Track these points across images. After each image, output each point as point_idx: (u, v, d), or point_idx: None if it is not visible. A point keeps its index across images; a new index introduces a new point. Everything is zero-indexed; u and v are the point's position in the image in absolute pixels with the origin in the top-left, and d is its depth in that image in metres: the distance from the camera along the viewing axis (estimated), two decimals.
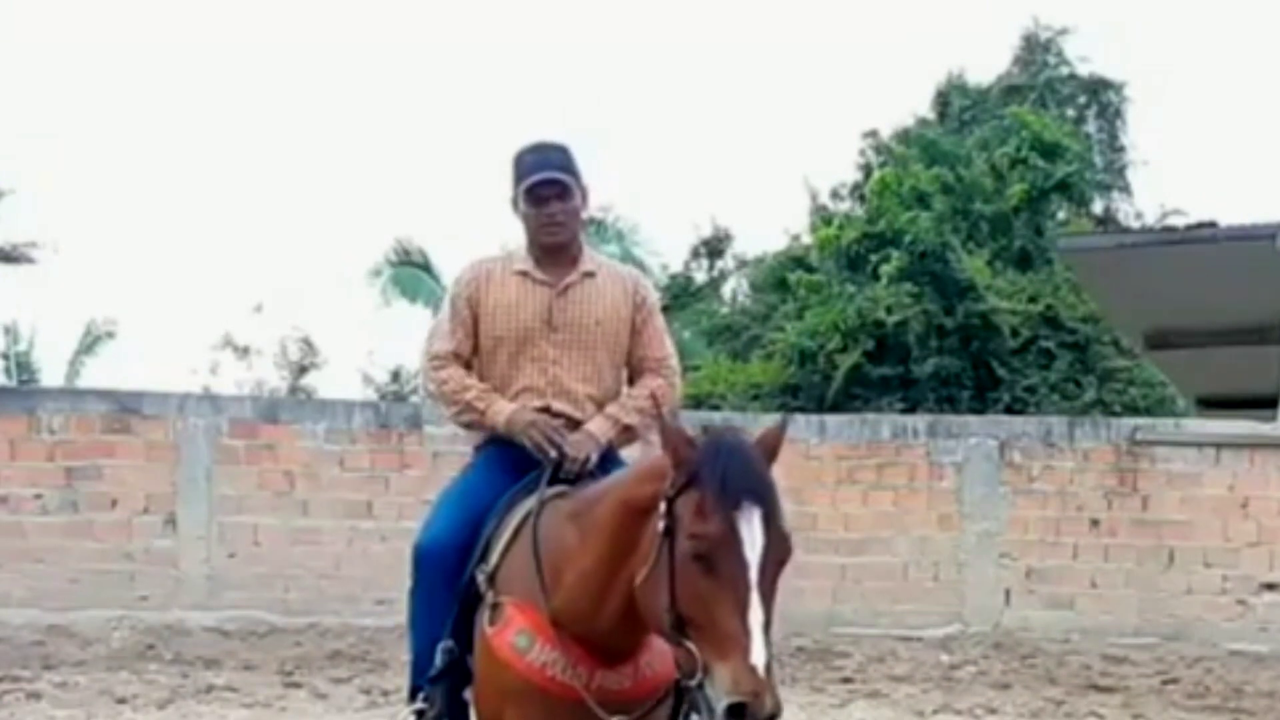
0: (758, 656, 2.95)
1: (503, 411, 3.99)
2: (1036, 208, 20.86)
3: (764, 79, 41.74)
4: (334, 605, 10.25)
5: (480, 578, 3.71)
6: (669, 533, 3.12)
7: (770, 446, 3.29)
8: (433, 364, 4.16)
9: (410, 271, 23.46)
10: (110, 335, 24.82)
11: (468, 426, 4.16)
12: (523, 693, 3.50)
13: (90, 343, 24.52)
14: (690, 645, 3.04)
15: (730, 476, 3.08)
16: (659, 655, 3.46)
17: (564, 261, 4.12)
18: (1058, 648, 10.21)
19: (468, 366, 4.14)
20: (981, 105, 24.22)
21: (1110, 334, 18.53)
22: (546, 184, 4.02)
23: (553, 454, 3.87)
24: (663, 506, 3.15)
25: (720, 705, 2.93)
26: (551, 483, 3.80)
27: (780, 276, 22.59)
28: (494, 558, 3.73)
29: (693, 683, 3.03)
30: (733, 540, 3.03)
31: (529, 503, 3.75)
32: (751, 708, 2.91)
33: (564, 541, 3.54)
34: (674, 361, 4.26)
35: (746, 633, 2.96)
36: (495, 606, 3.60)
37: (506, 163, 4.16)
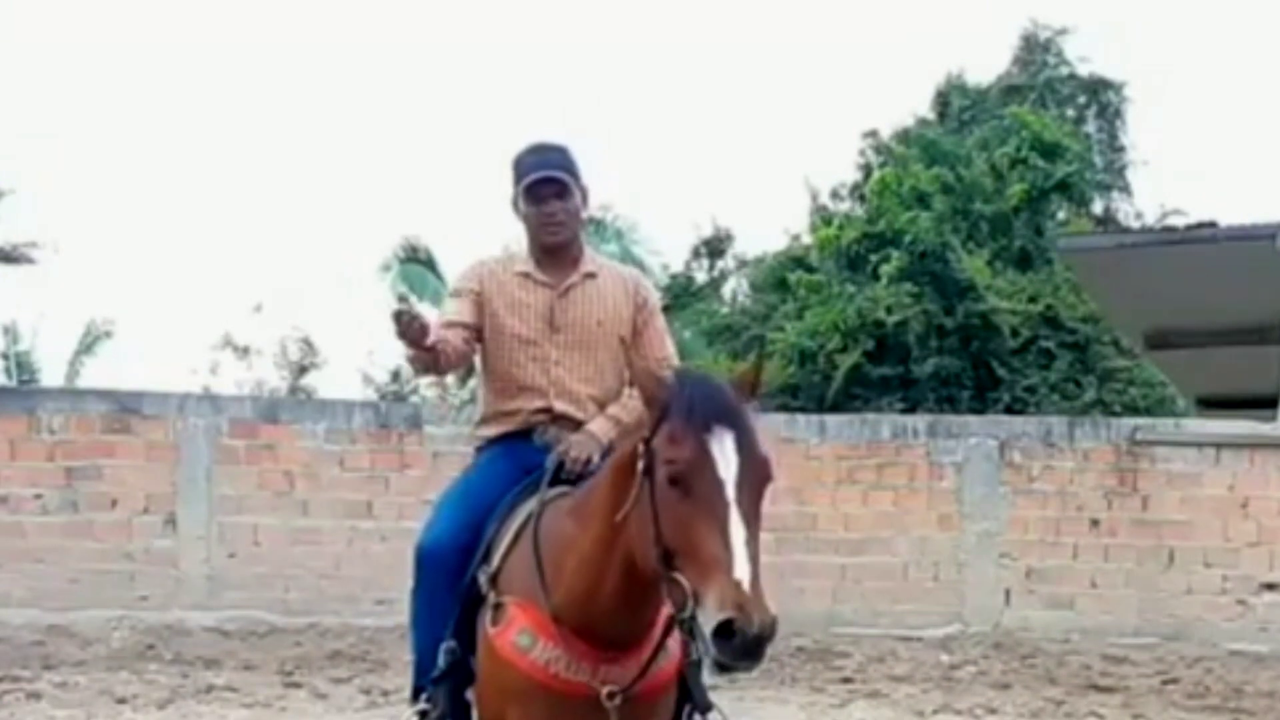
0: (741, 571, 2.94)
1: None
2: (1036, 208, 20.88)
3: (764, 79, 41.79)
4: (334, 605, 10.25)
5: (482, 579, 3.71)
6: (649, 471, 3.15)
7: (745, 383, 3.35)
8: None
9: (417, 269, 23.53)
10: (109, 335, 24.82)
11: (429, 369, 4.05)
12: (526, 692, 3.50)
13: (90, 343, 24.51)
14: (679, 577, 3.03)
15: (699, 403, 3.13)
16: (663, 651, 3.47)
17: (565, 263, 4.12)
18: (1058, 648, 10.21)
19: (475, 340, 4.07)
20: (981, 105, 24.23)
21: (1110, 334, 18.53)
22: (546, 182, 4.03)
23: (407, 328, 3.68)
24: (641, 448, 3.20)
25: (709, 627, 2.91)
26: (554, 483, 3.80)
27: (780, 276, 22.61)
28: (496, 559, 3.73)
29: (685, 614, 3.01)
30: (706, 461, 3.06)
31: (531, 504, 3.75)
32: (739, 622, 2.88)
33: (564, 535, 3.54)
34: (675, 362, 4.26)
35: (728, 550, 2.96)
36: (497, 607, 3.60)
37: (507, 163, 4.16)
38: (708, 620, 2.92)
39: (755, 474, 3.11)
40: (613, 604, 3.39)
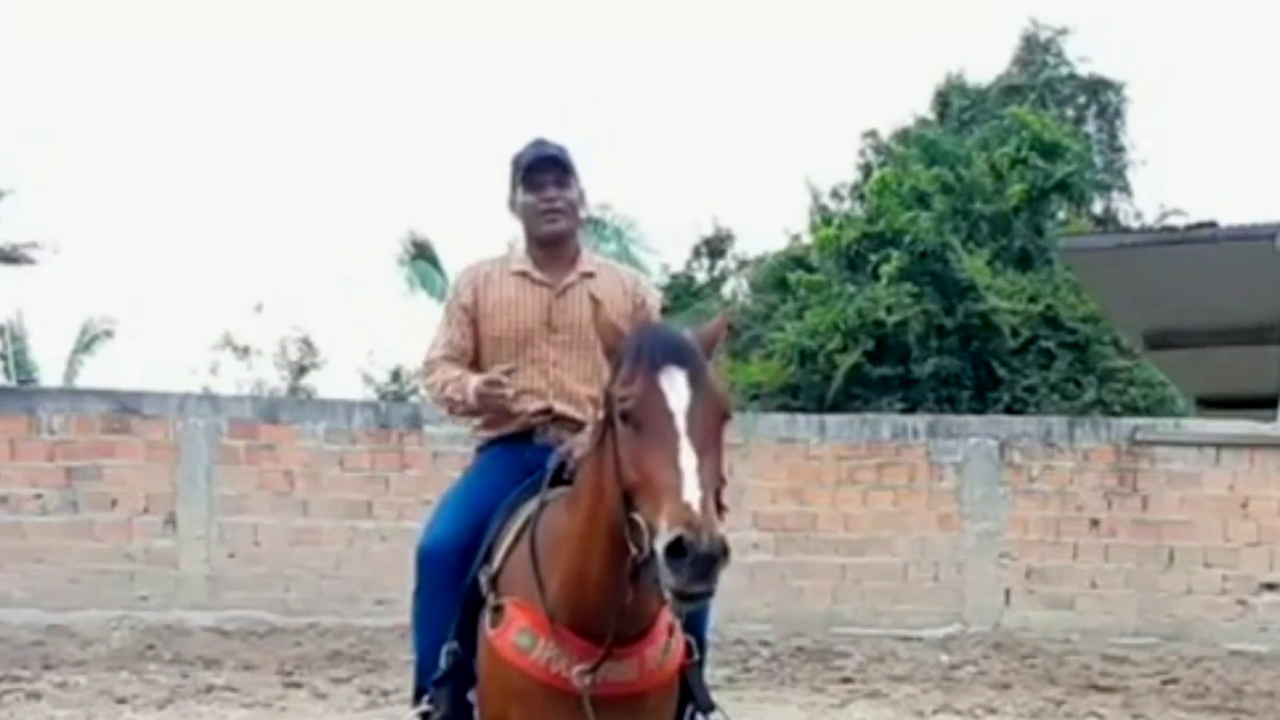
0: (690, 494, 2.96)
1: (470, 389, 4.01)
2: (1036, 208, 20.86)
3: (764, 79, 41.82)
4: (334, 605, 10.25)
5: (483, 580, 3.71)
6: (609, 421, 3.24)
7: (708, 336, 3.40)
8: (425, 371, 4.22)
9: (424, 266, 23.62)
10: (109, 334, 24.82)
11: (466, 414, 4.17)
12: (527, 692, 3.49)
13: (88, 342, 24.51)
14: (637, 517, 3.05)
15: (650, 345, 3.23)
16: (663, 650, 3.47)
17: (563, 262, 4.12)
18: (1058, 648, 10.20)
19: (474, 366, 4.13)
20: (981, 105, 24.21)
21: (1110, 334, 18.52)
22: (545, 168, 4.04)
23: (505, 395, 3.94)
24: (602, 399, 3.32)
25: (660, 548, 2.92)
26: (554, 484, 3.79)
27: (780, 276, 22.60)
28: (497, 560, 3.73)
29: (644, 555, 3.02)
30: (655, 395, 3.13)
31: (531, 505, 3.75)
32: (687, 540, 2.89)
33: (557, 529, 3.55)
34: None
35: (678, 475, 2.99)
36: (497, 609, 3.60)
37: (508, 162, 4.16)
38: (660, 543, 2.93)
39: (707, 407, 3.15)
40: (601, 592, 3.36)
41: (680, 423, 3.08)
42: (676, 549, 2.90)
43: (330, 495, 10.49)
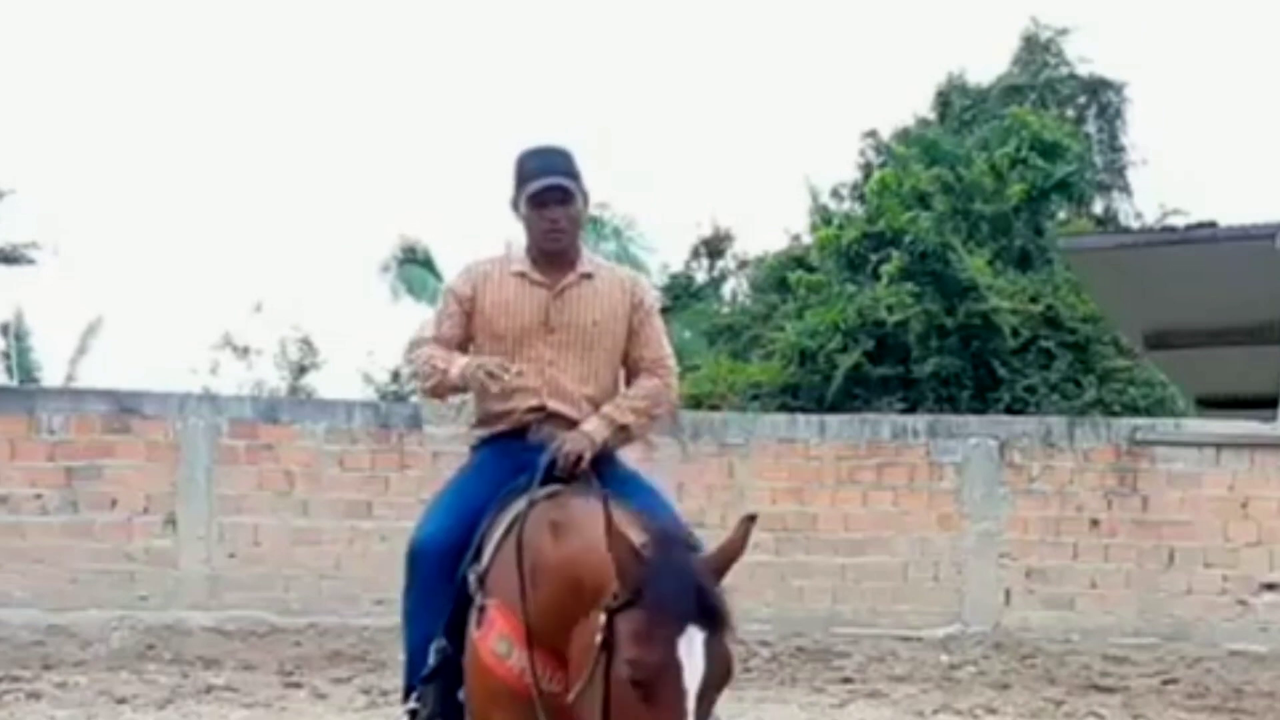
0: None
1: (457, 366, 4.01)
2: (1036, 208, 20.86)
3: (764, 79, 41.80)
4: (334, 605, 10.25)
5: (472, 578, 3.71)
6: (607, 647, 3.02)
7: (724, 562, 3.19)
8: (409, 350, 4.22)
9: (416, 270, 23.56)
10: (109, 334, 24.82)
11: (437, 393, 4.17)
12: (506, 697, 3.49)
13: (89, 342, 24.51)
14: None
15: (674, 600, 2.96)
16: None
17: (562, 263, 4.12)
18: (1058, 648, 10.21)
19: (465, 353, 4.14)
20: (981, 105, 24.20)
21: (1110, 334, 18.51)
22: (551, 190, 4.01)
23: (494, 388, 3.89)
24: (602, 619, 3.05)
25: None
26: (545, 482, 3.78)
27: (780, 276, 22.60)
28: (485, 558, 3.73)
29: None
30: (672, 669, 2.92)
31: (520, 504, 3.74)
32: None
33: (541, 551, 3.51)
34: (671, 362, 4.26)
35: None
36: (482, 609, 3.60)
37: (508, 162, 4.16)
38: None
39: (718, 678, 3.01)
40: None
41: (690, 704, 2.93)
42: None
43: (330, 495, 10.49)
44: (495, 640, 3.51)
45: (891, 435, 10.94)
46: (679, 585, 2.99)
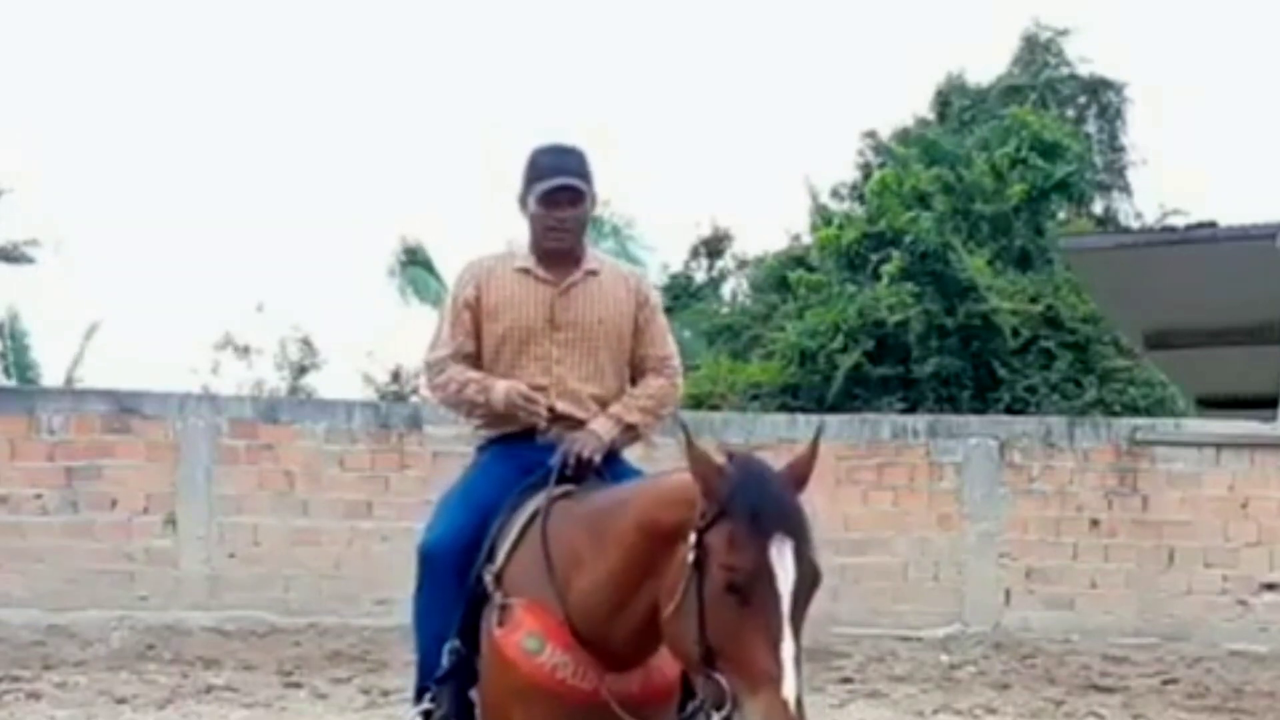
0: (789, 690, 2.94)
1: (499, 392, 3.99)
2: (1036, 208, 20.86)
3: (764, 79, 41.78)
4: (334, 605, 10.25)
5: (487, 578, 3.70)
6: (699, 565, 3.09)
7: (801, 474, 3.31)
8: (431, 372, 4.17)
9: (417, 271, 23.58)
10: (108, 334, 24.81)
11: (480, 421, 4.14)
12: (531, 694, 3.49)
13: (89, 342, 24.49)
14: (719, 677, 3.01)
15: (763, 508, 3.07)
16: (666, 658, 3.45)
17: (567, 261, 4.09)
18: (1058, 648, 10.21)
19: (476, 366, 4.11)
20: (981, 105, 24.19)
21: (1110, 334, 18.51)
22: (562, 190, 3.99)
23: (541, 423, 3.92)
24: (692, 538, 3.12)
25: None
26: (556, 482, 3.78)
27: (780, 276, 22.60)
28: (500, 557, 3.72)
29: (721, 714, 3.00)
30: (767, 572, 3.02)
31: (535, 502, 3.74)
32: None
33: (576, 547, 3.52)
34: (676, 361, 4.25)
35: (779, 666, 2.95)
36: (504, 607, 3.59)
37: (507, 162, 4.15)
38: None
39: (809, 584, 3.12)
40: (625, 638, 3.41)
41: (785, 606, 3.02)
42: None
43: (330, 495, 10.49)
44: (524, 637, 3.50)
45: (891, 435, 10.95)
46: (764, 494, 3.11)
